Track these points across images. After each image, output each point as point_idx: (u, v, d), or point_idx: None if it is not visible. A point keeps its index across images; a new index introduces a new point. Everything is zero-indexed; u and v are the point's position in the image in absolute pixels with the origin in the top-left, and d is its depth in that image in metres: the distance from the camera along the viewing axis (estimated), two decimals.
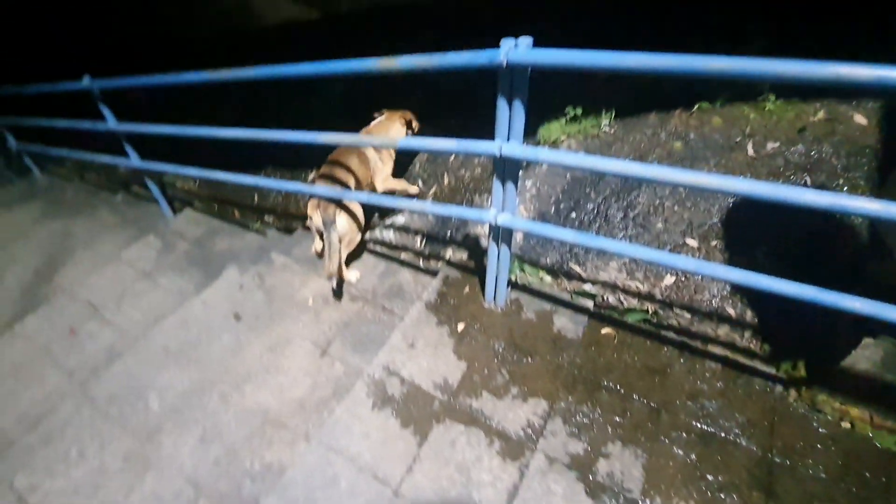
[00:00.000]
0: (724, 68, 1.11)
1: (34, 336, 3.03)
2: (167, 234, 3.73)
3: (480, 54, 1.39)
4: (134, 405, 2.27)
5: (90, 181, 5.10)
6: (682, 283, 2.34)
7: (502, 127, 1.57)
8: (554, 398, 1.92)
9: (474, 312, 2.28)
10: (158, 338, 2.60)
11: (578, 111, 2.86)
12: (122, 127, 3.22)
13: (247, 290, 2.75)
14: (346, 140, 2.00)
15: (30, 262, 3.88)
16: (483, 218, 1.84)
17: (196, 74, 2.33)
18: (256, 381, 2.28)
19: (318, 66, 1.73)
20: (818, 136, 2.39)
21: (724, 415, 1.83)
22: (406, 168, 3.45)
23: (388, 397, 1.97)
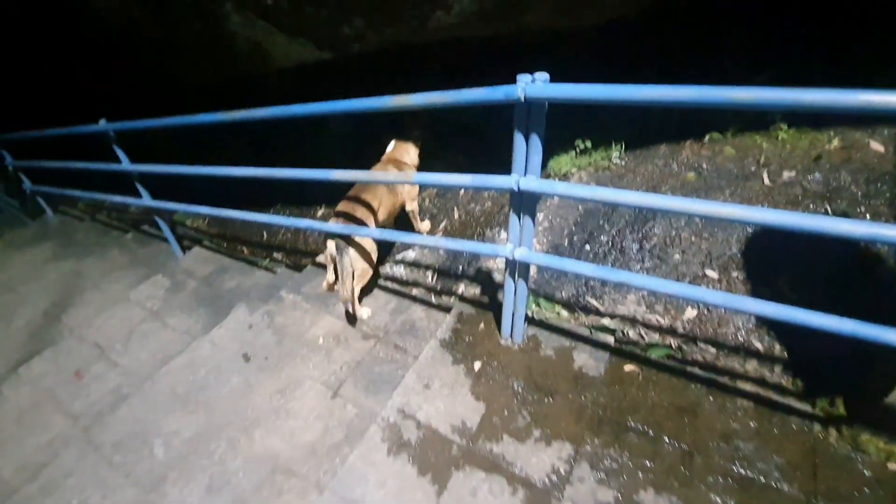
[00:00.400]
0: (750, 99, 1.09)
1: (39, 380, 2.97)
2: (176, 273, 3.71)
3: (497, 90, 1.39)
4: (139, 452, 2.18)
5: (101, 221, 5.14)
6: (704, 315, 2.26)
7: (519, 161, 1.55)
8: (579, 441, 1.82)
9: (491, 350, 2.21)
10: (165, 380, 2.54)
11: (588, 144, 2.86)
12: (136, 167, 3.26)
13: (256, 329, 2.69)
14: (358, 177, 1.99)
15: (39, 303, 3.86)
16: (500, 253, 1.80)
17: (210, 116, 2.36)
18: (266, 426, 2.20)
19: (334, 105, 1.74)
20: (835, 164, 2.36)
21: (762, 457, 1.72)
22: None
23: (403, 442, 1.88)
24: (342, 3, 2.01)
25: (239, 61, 2.81)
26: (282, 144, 4.59)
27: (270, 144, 4.72)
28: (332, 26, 2.17)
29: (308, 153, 4.39)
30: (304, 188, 4.07)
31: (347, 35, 2.24)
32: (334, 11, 2.06)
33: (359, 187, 2.56)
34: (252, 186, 4.19)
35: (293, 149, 4.52)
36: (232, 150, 4.85)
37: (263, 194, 4.30)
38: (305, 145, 4.46)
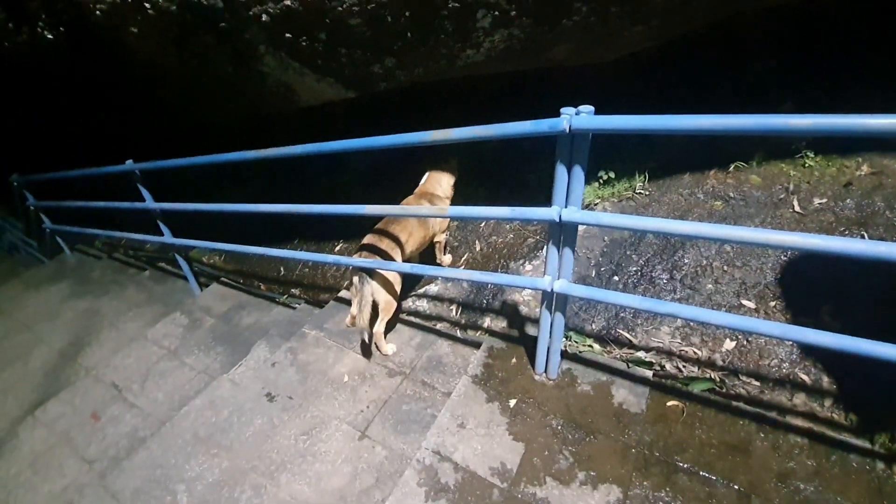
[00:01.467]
0: (807, 126, 1.07)
1: (55, 422, 2.90)
2: (194, 311, 3.68)
3: (542, 123, 1.39)
4: (160, 500, 2.08)
5: (118, 259, 5.16)
6: (744, 347, 2.19)
7: (560, 192, 1.54)
8: (627, 483, 1.72)
9: (525, 386, 2.13)
10: (185, 422, 2.45)
11: (611, 174, 2.87)
12: (160, 206, 3.29)
13: (279, 367, 2.63)
14: (393, 211, 1.98)
15: (55, 343, 3.82)
16: (538, 285, 1.77)
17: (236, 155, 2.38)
18: (292, 470, 2.10)
19: (370, 141, 1.75)
20: (866, 189, 2.34)
21: (825, 499, 1.62)
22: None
23: (441, 486, 1.79)
24: (376, 44, 2.06)
25: (266, 102, 2.88)
26: (297, 182, 4.66)
27: (286, 182, 4.79)
28: (362, 66, 2.22)
29: (324, 190, 4.44)
30: (322, 224, 4.09)
31: (377, 74, 2.29)
32: (368, 52, 2.11)
33: (387, 220, 2.56)
34: (270, 223, 4.23)
35: (309, 186, 4.58)
36: (248, 189, 4.93)
37: (281, 231, 4.32)
38: (322, 182, 4.52)
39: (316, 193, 4.45)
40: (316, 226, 4.16)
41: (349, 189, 4.31)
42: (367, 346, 2.57)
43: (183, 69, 2.69)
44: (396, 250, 2.48)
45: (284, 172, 4.81)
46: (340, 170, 4.50)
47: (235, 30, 2.18)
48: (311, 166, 4.56)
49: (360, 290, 2.40)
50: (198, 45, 2.38)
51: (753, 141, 2.64)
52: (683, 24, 2.36)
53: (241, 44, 2.26)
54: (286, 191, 4.71)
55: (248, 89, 2.75)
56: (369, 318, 2.45)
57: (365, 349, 2.58)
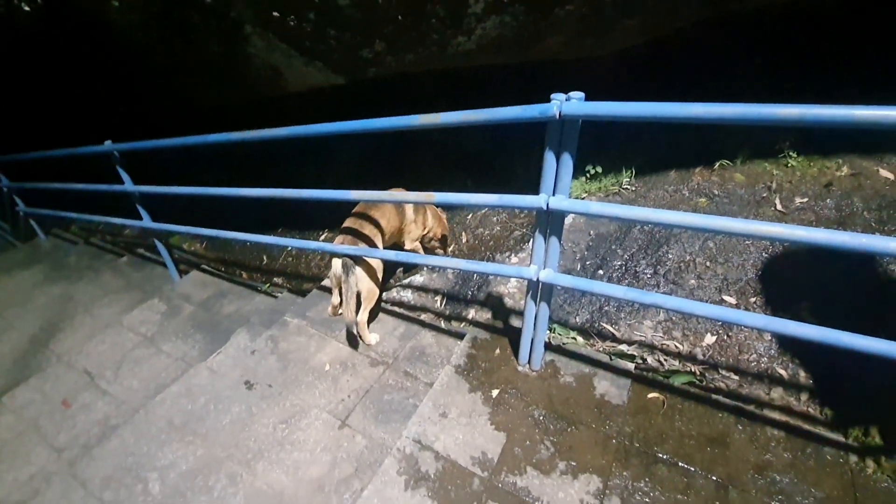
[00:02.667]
0: (796, 116, 1.07)
1: (23, 409, 2.80)
2: (172, 298, 3.59)
3: (532, 108, 1.37)
4: (131, 488, 2.02)
5: (95, 244, 5.02)
6: (724, 342, 2.21)
7: (548, 180, 1.53)
8: (607, 473, 1.73)
9: (508, 377, 2.12)
10: (160, 409, 2.39)
11: (598, 169, 2.87)
12: (139, 189, 3.19)
13: (259, 355, 2.58)
14: (380, 197, 1.95)
15: (26, 328, 3.69)
16: (524, 274, 1.75)
17: (220, 136, 2.32)
18: (269, 458, 2.06)
19: (359, 124, 1.71)
20: (846, 190, 2.38)
21: (800, 491, 1.64)
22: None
23: (422, 475, 1.77)
24: (366, 26, 2.02)
25: (253, 86, 2.81)
26: (284, 172, 4.58)
27: (272, 172, 4.70)
28: (352, 50, 2.17)
29: (311, 180, 4.37)
30: (307, 213, 4.03)
31: (366, 59, 2.25)
32: (357, 35, 2.07)
33: (366, 205, 2.53)
34: (253, 211, 4.15)
35: (295, 176, 4.50)
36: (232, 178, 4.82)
37: (265, 219, 4.25)
38: (309, 171, 4.45)
39: (302, 184, 4.38)
40: (300, 215, 4.10)
41: (336, 179, 4.25)
42: (353, 336, 2.54)
43: (166, 48, 2.61)
44: (378, 236, 2.45)
45: (271, 161, 4.72)
46: (328, 160, 4.44)
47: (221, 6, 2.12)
48: (298, 156, 4.49)
49: (346, 281, 2.36)
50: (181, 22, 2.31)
51: (739, 139, 2.67)
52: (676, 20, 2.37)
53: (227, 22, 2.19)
54: (272, 181, 4.62)
55: (235, 72, 2.68)
56: (356, 310, 2.42)
57: (351, 339, 2.55)
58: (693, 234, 2.53)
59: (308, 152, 4.44)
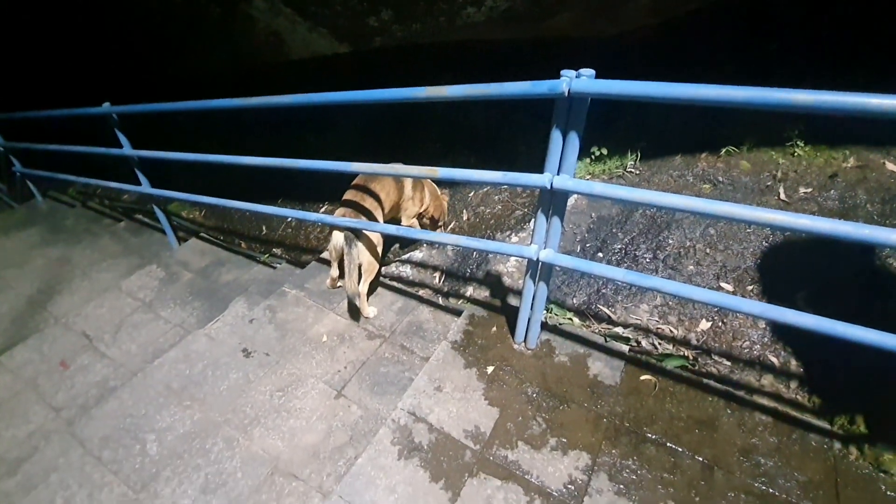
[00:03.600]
0: (811, 102, 1.05)
1: (21, 369, 2.82)
2: (171, 264, 3.59)
3: (541, 84, 1.35)
4: (129, 448, 2.06)
5: (93, 208, 4.98)
6: (719, 328, 2.24)
7: (553, 159, 1.51)
8: (596, 451, 1.77)
9: (504, 354, 2.15)
10: (158, 373, 2.42)
11: (603, 151, 2.84)
12: (137, 153, 3.15)
13: (257, 324, 2.60)
14: (382, 170, 1.93)
15: (24, 289, 3.70)
16: (524, 253, 1.75)
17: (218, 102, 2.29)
18: (265, 425, 2.10)
19: (364, 94, 1.69)
20: (850, 182, 2.37)
21: (783, 474, 1.68)
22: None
23: (415, 446, 1.80)
24: None
25: (254, 52, 2.74)
26: (285, 144, 4.51)
27: (274, 143, 4.64)
28: (358, 17, 2.11)
29: (312, 152, 4.32)
30: (307, 185, 3.99)
31: (372, 28, 2.19)
32: (364, 1, 2.01)
33: (366, 178, 2.51)
34: (253, 181, 4.11)
35: (297, 148, 4.45)
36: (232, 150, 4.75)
37: (265, 190, 4.21)
38: (310, 143, 4.39)
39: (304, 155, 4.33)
40: (301, 186, 4.06)
41: (338, 154, 4.19)
42: (355, 308, 2.55)
43: (166, 7, 2.54)
44: (378, 210, 2.44)
45: (272, 134, 4.65)
46: (330, 133, 4.38)
47: None
48: (300, 128, 4.42)
49: (349, 253, 2.36)
50: None
51: (747, 126, 2.64)
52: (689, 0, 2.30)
53: None
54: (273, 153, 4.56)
55: (235, 35, 2.61)
56: (359, 282, 2.43)
57: (353, 311, 2.57)
58: (694, 220, 2.53)
59: (309, 125, 4.37)
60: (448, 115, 3.75)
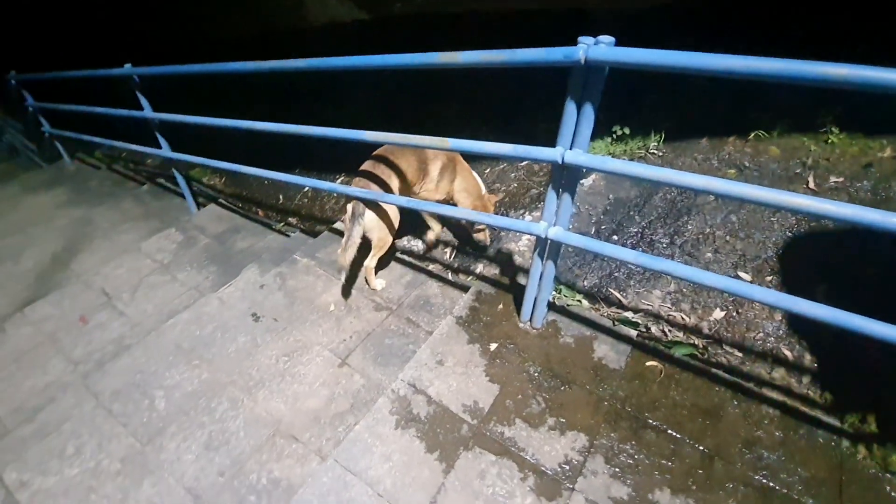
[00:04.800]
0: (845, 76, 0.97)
1: (42, 322, 2.93)
2: (189, 229, 3.65)
3: (556, 51, 1.29)
4: (138, 403, 2.13)
5: (117, 171, 5.09)
6: (733, 318, 2.17)
7: (567, 132, 1.45)
8: (595, 433, 1.75)
9: (508, 332, 2.13)
10: (170, 333, 2.48)
11: (626, 130, 2.75)
12: (158, 116, 3.18)
13: (267, 290, 2.63)
14: (391, 139, 1.89)
15: (48, 246, 3.82)
16: (533, 230, 1.71)
17: (237, 65, 2.28)
18: (270, 388, 2.14)
19: (376, 59, 1.65)
20: (886, 173, 2.24)
21: (786, 468, 1.64)
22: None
23: (413, 417, 1.81)
24: None
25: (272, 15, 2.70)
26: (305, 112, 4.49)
27: (294, 112, 4.62)
28: None
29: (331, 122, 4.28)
30: (326, 155, 3.98)
31: None
32: None
33: (387, 150, 2.44)
34: (273, 150, 4.12)
35: (317, 116, 4.42)
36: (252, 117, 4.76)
37: (284, 159, 4.21)
38: (328, 114, 4.35)
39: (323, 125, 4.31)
40: (319, 156, 4.05)
41: (357, 126, 4.16)
42: (347, 286, 2.53)
43: None
44: (395, 181, 2.38)
45: (292, 102, 4.63)
46: (349, 105, 4.33)
47: None
48: (319, 97, 4.39)
49: (350, 228, 2.33)
50: None
51: (778, 109, 2.51)
52: None
53: None
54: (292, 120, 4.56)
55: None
56: (352, 258, 2.37)
57: (344, 288, 2.55)
58: (716, 206, 2.43)
59: (329, 98, 4.34)
60: (467, 91, 3.67)
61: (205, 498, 1.78)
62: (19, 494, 1.83)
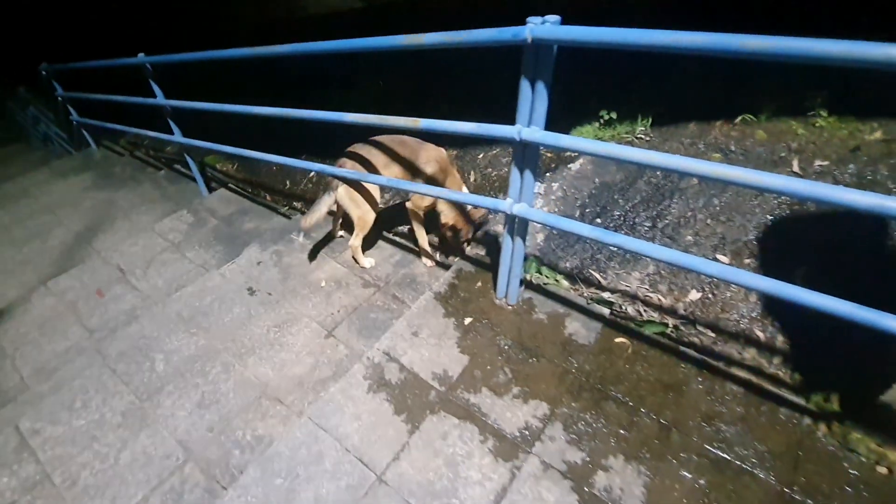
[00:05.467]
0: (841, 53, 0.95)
1: (64, 293, 3.16)
2: (200, 211, 3.84)
3: (505, 31, 1.35)
4: (141, 364, 2.30)
5: (139, 158, 5.35)
6: (708, 299, 2.19)
7: (524, 110, 1.52)
8: (557, 402, 1.82)
9: (484, 308, 2.21)
10: (174, 304, 2.65)
11: (613, 115, 2.77)
12: (169, 102, 3.36)
13: (264, 266, 2.78)
14: (370, 121, 1.99)
15: (73, 226, 4.08)
16: (499, 207, 1.79)
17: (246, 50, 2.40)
18: (259, 355, 2.28)
19: (348, 43, 1.75)
20: (873, 156, 2.21)
21: (743, 442, 1.68)
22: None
23: (384, 382, 1.92)
24: None
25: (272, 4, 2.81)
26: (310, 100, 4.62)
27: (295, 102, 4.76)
28: None
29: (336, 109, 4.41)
30: (330, 140, 4.10)
31: None
32: None
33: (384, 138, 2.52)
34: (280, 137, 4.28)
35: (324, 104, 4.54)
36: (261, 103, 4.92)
37: (290, 144, 4.36)
38: (333, 101, 4.47)
39: None
40: (324, 143, 4.17)
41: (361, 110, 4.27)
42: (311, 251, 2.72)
43: None
44: (382, 167, 2.47)
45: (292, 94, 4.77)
46: (354, 91, 4.45)
47: None
48: (325, 86, 4.52)
49: (320, 197, 2.50)
50: None
51: (767, 93, 2.49)
52: None
53: None
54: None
55: None
56: (312, 223, 2.50)
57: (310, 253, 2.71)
58: (698, 190, 2.45)
59: (330, 86, 4.45)
60: (464, 80, 3.73)
61: (194, 449, 1.93)
62: (32, 440, 2.02)
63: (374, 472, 1.64)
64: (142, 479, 1.85)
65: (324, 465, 1.67)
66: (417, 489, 1.60)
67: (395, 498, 1.58)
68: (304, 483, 1.62)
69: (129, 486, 1.83)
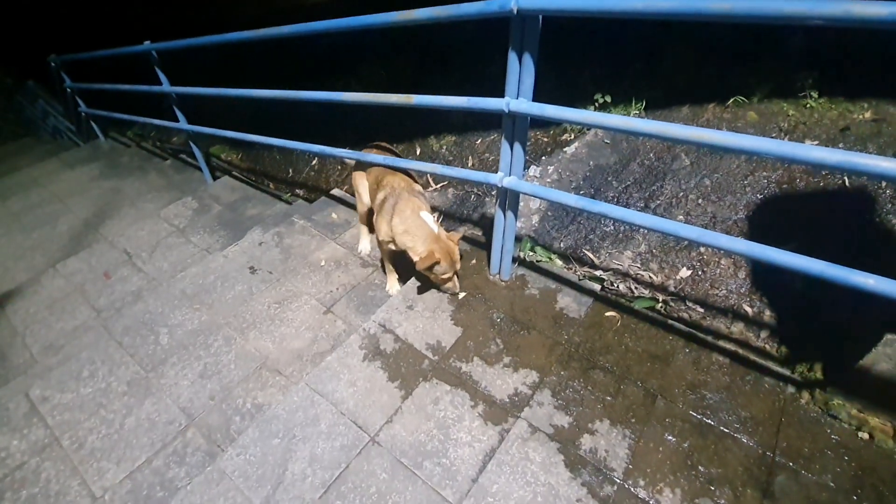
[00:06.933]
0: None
1: (72, 276, 3.25)
2: (204, 197, 3.92)
3: (492, 3, 1.41)
4: (146, 338, 2.38)
5: (146, 148, 5.45)
6: (698, 276, 2.24)
7: (512, 82, 1.57)
8: (546, 371, 1.87)
9: (478, 283, 2.26)
10: (179, 283, 2.73)
11: (608, 98, 2.81)
12: (174, 89, 3.44)
13: (265, 246, 2.85)
14: (360, 98, 2.06)
15: (81, 213, 4.17)
16: (489, 181, 1.84)
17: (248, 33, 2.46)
18: (260, 329, 2.35)
19: (347, 21, 1.81)
20: (862, 136, 2.24)
21: (726, 409, 1.73)
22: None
23: (379, 351, 1.98)
24: None
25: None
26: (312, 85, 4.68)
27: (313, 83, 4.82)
28: None
29: None
30: (333, 127, 4.17)
31: None
32: None
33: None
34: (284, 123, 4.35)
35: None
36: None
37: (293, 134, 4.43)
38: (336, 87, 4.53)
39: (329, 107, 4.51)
40: (326, 130, 4.24)
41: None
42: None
43: None
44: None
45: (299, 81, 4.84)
46: (356, 79, 4.51)
47: None
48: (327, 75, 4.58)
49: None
50: None
51: (760, 74, 2.53)
52: None
53: None
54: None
55: None
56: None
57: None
58: (690, 170, 2.49)
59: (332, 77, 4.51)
60: (467, 65, 3.78)
61: (196, 416, 2.00)
62: (41, 407, 2.10)
63: (368, 434, 1.70)
64: (146, 443, 1.92)
65: (319, 426, 1.73)
66: (409, 449, 1.65)
67: (388, 457, 1.64)
68: (300, 443, 1.69)
69: (134, 448, 1.91)
